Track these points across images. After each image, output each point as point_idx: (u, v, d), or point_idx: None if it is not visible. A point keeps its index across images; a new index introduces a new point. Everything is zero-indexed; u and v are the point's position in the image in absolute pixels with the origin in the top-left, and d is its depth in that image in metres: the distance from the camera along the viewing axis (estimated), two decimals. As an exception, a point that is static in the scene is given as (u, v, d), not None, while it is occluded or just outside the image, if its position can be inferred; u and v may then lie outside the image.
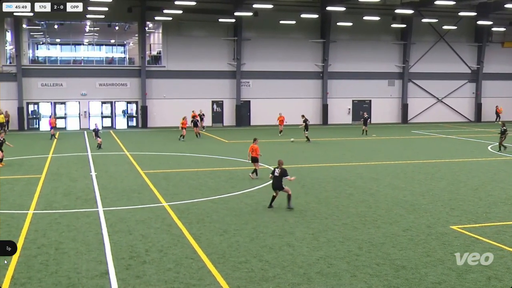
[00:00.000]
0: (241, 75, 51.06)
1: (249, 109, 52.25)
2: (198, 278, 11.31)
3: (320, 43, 52.97)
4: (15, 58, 46.84)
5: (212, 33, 50.62)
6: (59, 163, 27.49)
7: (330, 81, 53.56)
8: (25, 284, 11.01)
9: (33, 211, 17.19)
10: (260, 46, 51.39)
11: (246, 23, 50.15)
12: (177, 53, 49.87)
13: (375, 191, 20.47)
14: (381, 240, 13.96)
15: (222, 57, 50.93)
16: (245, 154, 30.54)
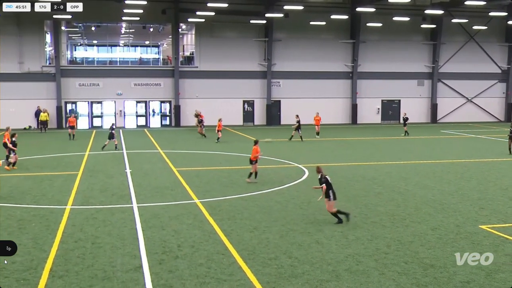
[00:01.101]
0: (271, 75, 51.04)
1: (279, 109, 52.19)
2: (229, 274, 11.35)
3: (349, 43, 52.61)
4: (54, 59, 47.68)
5: (243, 34, 50.73)
6: (95, 161, 27.88)
7: (359, 81, 53.17)
8: (63, 277, 11.20)
9: (70, 207, 17.47)
10: (291, 46, 51.29)
11: (276, 24, 50.10)
12: (209, 53, 50.10)
13: (404, 190, 20.24)
14: (409, 239, 13.80)
15: (253, 57, 50.99)
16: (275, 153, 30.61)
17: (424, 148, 34.12)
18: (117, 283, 10.85)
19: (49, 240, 13.74)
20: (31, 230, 14.72)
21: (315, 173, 23.54)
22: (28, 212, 16.71)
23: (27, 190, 20.19)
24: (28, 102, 46.59)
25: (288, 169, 25.31)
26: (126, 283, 10.85)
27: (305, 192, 19.75)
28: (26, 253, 12.73)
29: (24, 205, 17.64)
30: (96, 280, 11.03)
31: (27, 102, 46.56)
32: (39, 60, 47.30)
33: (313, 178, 22.54)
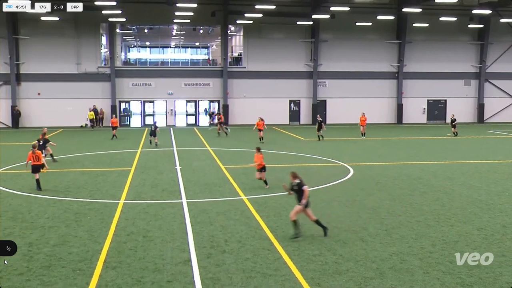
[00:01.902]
0: (317, 75, 50.76)
1: (325, 108, 51.83)
2: (274, 269, 11.35)
3: (395, 44, 51.76)
4: (109, 60, 48.74)
5: (290, 35, 50.61)
6: (147, 157, 28.35)
7: (405, 81, 52.25)
8: (116, 268, 11.44)
9: (123, 201, 17.82)
10: (337, 47, 50.86)
11: (323, 25, 49.75)
12: (257, 54, 50.21)
13: (449, 189, 19.79)
14: (454, 238, 13.49)
15: (300, 58, 50.81)
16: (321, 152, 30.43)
17: (470, 148, 33.27)
18: (166, 275, 11.01)
19: (103, 232, 14.06)
20: (87, 222, 15.09)
21: (360, 171, 23.42)
22: (84, 205, 17.14)
23: (83, 184, 20.71)
24: (85, 101, 47.78)
25: (333, 168, 25.12)
26: (175, 275, 11.00)
27: (350, 190, 19.57)
28: (82, 244, 13.06)
29: (80, 199, 18.11)
30: (147, 272, 11.22)
31: (84, 101, 47.75)
32: (95, 61, 48.44)
33: (358, 176, 22.35)
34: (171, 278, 10.86)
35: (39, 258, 12.08)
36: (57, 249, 12.69)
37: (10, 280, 10.73)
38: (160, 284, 10.52)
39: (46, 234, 13.93)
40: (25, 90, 47.56)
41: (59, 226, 14.73)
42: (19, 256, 12.18)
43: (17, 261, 11.83)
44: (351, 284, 10.54)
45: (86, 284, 10.54)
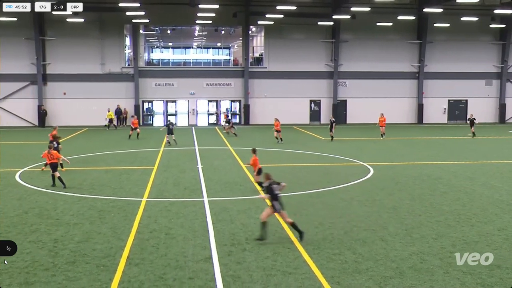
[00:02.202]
0: (338, 75, 50.54)
1: (345, 108, 51.60)
2: (294, 267, 11.34)
3: (416, 44, 51.28)
4: (133, 61, 49.12)
5: (310, 35, 50.47)
6: (169, 156, 28.51)
7: (426, 81, 51.74)
8: (139, 265, 11.53)
9: (146, 199, 17.95)
10: (357, 47, 50.58)
11: (343, 26, 49.51)
12: (278, 54, 50.18)
13: (470, 190, 19.55)
14: (475, 239, 13.32)
15: (320, 58, 50.63)
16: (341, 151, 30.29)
17: (491, 148, 32.81)
18: (188, 272, 11.06)
19: (127, 229, 14.18)
20: (110, 220, 15.24)
21: (380, 171, 23.26)
22: (107, 203, 17.31)
23: (107, 182, 20.91)
24: (109, 100, 48.20)
25: (353, 167, 25.00)
26: (196, 272, 11.05)
27: (370, 190, 19.45)
28: (106, 241, 13.19)
29: (104, 196, 18.29)
30: (169, 268, 11.29)
31: (108, 100, 48.18)
32: (119, 62, 48.87)
33: (379, 176, 22.20)
34: (193, 275, 10.91)
35: (64, 254, 12.23)
36: (81, 245, 12.84)
37: (36, 275, 10.89)
38: (182, 281, 10.58)
39: (71, 231, 14.10)
40: (51, 90, 48.20)
41: (84, 223, 14.90)
42: (45, 251, 12.37)
43: (43, 256, 12.01)
44: (370, 283, 10.48)
45: (110, 280, 10.65)
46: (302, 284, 10.41)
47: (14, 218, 15.39)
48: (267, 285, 10.39)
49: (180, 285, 10.38)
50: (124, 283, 10.48)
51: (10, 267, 11.31)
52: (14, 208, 16.60)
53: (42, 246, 12.78)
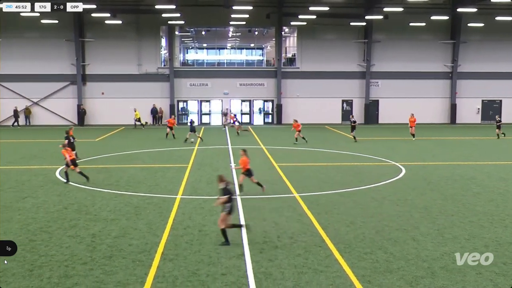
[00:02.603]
0: (370, 75, 50.03)
1: (377, 108, 51.05)
2: (325, 265, 11.28)
3: (449, 44, 50.34)
4: (169, 61, 49.61)
5: (343, 36, 50.08)
6: (203, 155, 28.68)
7: (459, 81, 50.73)
8: (173, 260, 11.64)
9: (180, 196, 18.11)
10: (389, 47, 49.95)
11: (376, 26, 48.97)
12: (310, 55, 49.95)
13: (504, 190, 19.10)
14: (509, 240, 13.01)
15: (352, 58, 50.20)
16: (373, 151, 29.98)
17: (526, 149, 31.98)
18: (221, 268, 11.12)
19: (162, 226, 14.34)
20: (146, 216, 15.43)
21: (412, 171, 22.95)
22: (143, 200, 17.53)
23: (143, 180, 21.17)
24: (145, 100, 48.83)
25: (385, 167, 24.72)
26: (229, 269, 11.10)
27: (401, 189, 19.21)
28: (141, 237, 13.36)
29: (140, 193, 18.52)
30: (202, 264, 11.36)
31: (144, 100, 48.80)
32: (155, 62, 49.40)
33: (410, 176, 21.91)
34: (225, 271, 10.96)
35: (101, 248, 12.44)
36: (118, 241, 13.04)
37: (75, 269, 11.10)
38: (215, 277, 10.64)
39: (108, 226, 14.33)
40: (90, 90, 49.05)
41: (120, 219, 15.12)
42: (84, 246, 12.60)
43: (81, 251, 12.24)
44: (402, 282, 10.35)
45: (145, 274, 10.78)
46: (333, 283, 10.35)
47: (54, 214, 15.74)
48: (299, 282, 10.37)
49: (213, 281, 10.44)
50: (159, 278, 10.60)
51: (50, 261, 11.57)
52: (54, 204, 16.97)
53: (81, 241, 13.03)
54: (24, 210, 16.13)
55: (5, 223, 14.67)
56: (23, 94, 48.24)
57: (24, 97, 48.32)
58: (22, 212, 15.85)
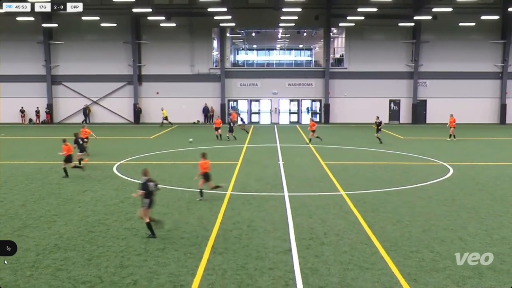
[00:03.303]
0: (418, 75, 48.95)
1: (425, 108, 49.88)
2: (371, 263, 11.14)
3: (500, 43, 48.63)
4: (220, 62, 50.03)
5: (391, 36, 49.20)
6: (252, 152, 28.79)
7: (510, 81, 48.91)
8: (222, 254, 11.75)
9: (230, 192, 18.24)
10: (438, 47, 48.71)
11: (424, 26, 47.86)
12: (358, 55, 49.32)
13: (555, 192, 18.32)
14: (560, 242, 12.49)
15: (400, 58, 49.23)
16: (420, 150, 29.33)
17: None
18: (268, 263, 11.15)
19: (212, 220, 14.49)
20: (197, 211, 15.63)
21: (460, 171, 22.33)
22: (195, 195, 17.72)
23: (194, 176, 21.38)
24: (197, 100, 49.46)
25: (432, 166, 24.16)
26: (276, 263, 11.11)
27: (449, 189, 18.73)
28: (193, 230, 13.55)
29: (192, 189, 18.73)
30: (250, 259, 11.42)
31: (196, 100, 49.44)
32: (207, 63, 49.92)
33: (458, 176, 21.33)
34: (273, 266, 10.98)
35: (155, 241, 12.68)
36: (170, 234, 13.26)
37: (130, 260, 11.37)
38: (262, 271, 10.68)
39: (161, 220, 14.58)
40: (145, 90, 50.06)
41: (173, 213, 15.37)
42: (138, 238, 12.88)
43: (136, 242, 12.52)
44: (448, 281, 10.10)
45: (196, 267, 10.93)
46: (379, 280, 10.21)
47: (111, 207, 16.16)
48: (344, 279, 10.28)
49: (260, 275, 10.48)
50: (209, 271, 10.72)
51: (107, 251, 11.89)
52: (111, 197, 17.42)
53: (136, 233, 13.32)
54: (83, 203, 16.64)
55: (67, 214, 15.17)
56: (83, 93, 49.76)
57: (84, 96, 49.82)
58: (82, 205, 16.35)
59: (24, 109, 50.04)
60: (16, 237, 12.98)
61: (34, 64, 49.51)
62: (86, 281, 10.21)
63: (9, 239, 12.75)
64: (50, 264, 11.08)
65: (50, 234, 13.27)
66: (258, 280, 10.24)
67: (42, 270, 10.76)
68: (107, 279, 10.28)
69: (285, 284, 10.05)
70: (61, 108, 50.36)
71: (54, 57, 49.65)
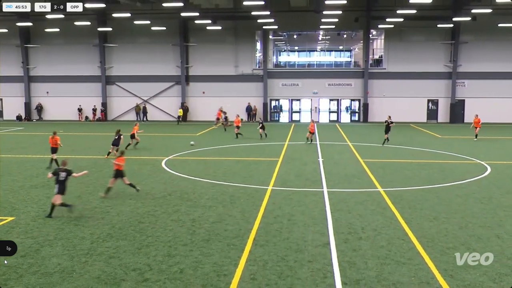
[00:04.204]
0: (456, 75, 47.68)
1: (463, 108, 48.54)
2: (408, 258, 10.94)
3: (540, 44, 46.83)
4: (263, 63, 50.09)
5: (429, 37, 48.07)
6: (293, 149, 28.71)
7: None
8: (264, 246, 11.78)
9: (271, 187, 18.25)
10: (477, 48, 47.28)
11: (463, 27, 46.55)
12: (397, 56, 48.44)
13: None
14: None
15: (439, 59, 48.04)
16: (458, 149, 28.58)
17: None
18: (307, 255, 11.11)
19: (254, 214, 14.54)
20: (240, 204, 15.70)
21: (497, 170, 21.65)
22: (238, 189, 17.85)
23: (238, 171, 21.55)
24: (241, 99, 49.68)
25: (470, 165, 23.50)
26: (315, 256, 11.06)
27: (486, 187, 18.18)
28: (236, 223, 13.63)
29: (235, 183, 18.87)
30: (290, 251, 11.41)
31: (240, 99, 49.67)
32: (251, 64, 50.06)
33: (496, 174, 20.69)
34: (311, 258, 10.94)
35: (200, 232, 12.83)
36: (215, 226, 13.38)
37: (177, 249, 11.53)
38: (302, 263, 10.65)
39: (206, 212, 14.74)
40: (192, 89, 50.65)
41: (217, 206, 15.51)
42: (185, 229, 13.05)
43: (182, 233, 12.69)
44: (484, 278, 9.81)
45: (238, 257, 10.99)
46: (415, 275, 10.02)
47: (160, 200, 16.43)
48: (381, 273, 10.13)
49: (300, 267, 10.45)
50: (251, 262, 10.76)
51: (155, 241, 12.10)
52: (160, 191, 17.71)
53: (182, 225, 13.51)
54: (134, 195, 16.97)
55: (119, 206, 15.52)
56: (135, 93, 50.77)
57: (136, 96, 50.83)
58: (133, 197, 16.68)
59: (82, 107, 51.48)
60: (73, 226, 13.38)
61: (90, 66, 50.88)
62: (136, 268, 10.42)
63: (67, 228, 13.16)
64: (103, 252, 11.37)
65: (103, 224, 13.62)
66: (297, 271, 10.22)
67: (96, 257, 11.05)
68: (155, 267, 10.47)
69: (324, 276, 9.99)
70: (114, 107, 51.57)
71: (108, 59, 50.85)
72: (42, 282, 9.66)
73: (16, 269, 10.28)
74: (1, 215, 14.50)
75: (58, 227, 13.27)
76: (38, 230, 12.97)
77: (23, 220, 13.89)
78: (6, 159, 24.85)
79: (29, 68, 51.78)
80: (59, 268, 10.38)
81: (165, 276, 10.01)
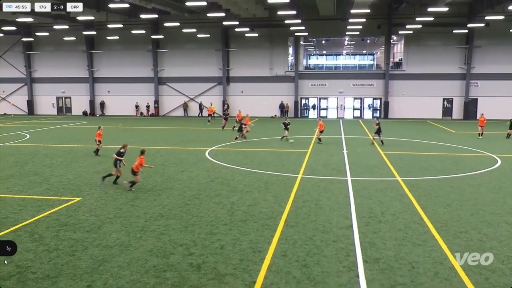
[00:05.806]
0: (470, 76, 46.21)
1: (476, 106, 47.05)
2: (423, 240, 10.74)
3: (549, 47, 44.83)
4: (294, 66, 49.77)
5: (446, 42, 46.69)
6: (320, 143, 28.45)
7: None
8: (294, 227, 11.78)
9: (301, 175, 18.19)
10: (489, 52, 45.66)
11: (477, 33, 45.01)
12: (415, 59, 47.28)
13: None
14: None
15: (454, 61, 46.62)
16: (470, 143, 27.74)
17: None
18: (332, 236, 11.05)
19: (285, 198, 14.54)
20: (273, 190, 15.72)
21: (508, 162, 20.93)
22: (271, 177, 17.87)
23: (271, 161, 21.55)
24: (275, 97, 49.57)
25: (481, 157, 22.81)
26: (339, 237, 10.99)
27: (497, 178, 17.62)
28: (269, 206, 13.66)
29: (268, 171, 18.90)
30: (317, 232, 11.37)
31: (274, 97, 49.56)
32: (283, 67, 49.80)
33: (506, 166, 20.04)
34: (336, 239, 10.87)
35: (238, 213, 12.92)
36: (251, 208, 13.45)
37: (218, 228, 11.65)
38: (327, 243, 10.60)
39: (243, 197, 14.83)
40: (232, 89, 50.80)
41: (253, 191, 15.57)
42: (225, 211, 13.16)
43: (223, 214, 12.81)
44: (494, 260, 9.53)
45: (271, 236, 11.02)
46: (430, 255, 9.83)
47: (203, 185, 16.61)
48: (399, 253, 9.99)
49: (325, 246, 10.41)
50: (282, 240, 10.78)
51: (200, 221, 12.25)
52: (203, 177, 17.90)
53: (223, 207, 13.63)
54: (182, 181, 17.22)
55: (168, 190, 15.78)
56: (182, 92, 51.33)
57: (183, 94, 51.38)
58: (181, 182, 16.93)
59: (138, 104, 52.43)
60: (130, 206, 13.68)
61: (144, 68, 51.69)
62: (183, 243, 10.59)
63: (125, 208, 13.48)
64: (155, 229, 11.59)
65: (155, 205, 13.88)
66: (323, 250, 10.18)
67: (149, 233, 11.28)
68: (199, 243, 10.61)
69: (347, 255, 9.92)
70: (165, 104, 52.29)
71: (160, 62, 51.53)
72: (103, 254, 9.94)
73: (82, 242, 10.61)
74: (70, 196, 14.98)
75: (117, 207, 13.60)
76: (100, 210, 13.33)
77: (87, 201, 14.31)
78: (74, 148, 25.62)
79: (93, 71, 53.03)
80: (118, 242, 10.66)
81: (208, 251, 10.13)
